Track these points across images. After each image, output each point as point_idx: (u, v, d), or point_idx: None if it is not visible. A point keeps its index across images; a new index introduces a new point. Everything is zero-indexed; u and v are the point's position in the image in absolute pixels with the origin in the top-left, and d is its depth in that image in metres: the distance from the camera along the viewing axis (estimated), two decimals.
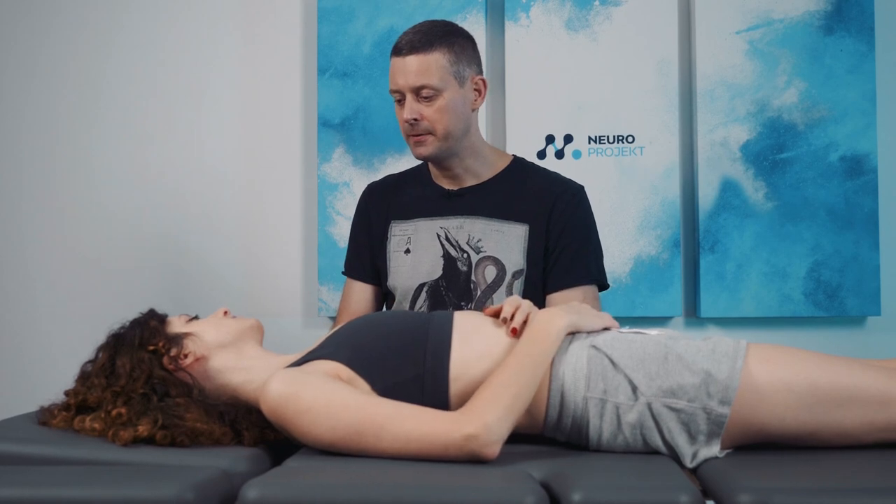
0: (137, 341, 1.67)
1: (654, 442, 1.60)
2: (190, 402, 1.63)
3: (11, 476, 1.44)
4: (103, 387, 1.64)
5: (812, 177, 2.66)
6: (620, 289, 2.67)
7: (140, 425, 1.57)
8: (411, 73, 1.97)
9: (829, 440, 1.60)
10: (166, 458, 1.55)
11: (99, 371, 1.67)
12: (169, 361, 1.67)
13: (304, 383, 1.56)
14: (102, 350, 1.70)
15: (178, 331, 1.71)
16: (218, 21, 2.91)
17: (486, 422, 1.47)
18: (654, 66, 2.72)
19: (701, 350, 1.62)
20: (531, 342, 1.59)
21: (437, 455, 1.48)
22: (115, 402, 1.62)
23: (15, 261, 2.95)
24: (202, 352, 1.70)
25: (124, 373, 1.64)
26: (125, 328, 1.72)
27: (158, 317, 1.74)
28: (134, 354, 1.66)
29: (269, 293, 2.85)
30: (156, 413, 1.59)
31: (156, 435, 1.57)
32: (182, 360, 1.68)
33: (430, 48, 1.97)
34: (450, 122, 2.00)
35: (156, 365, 1.66)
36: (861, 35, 2.65)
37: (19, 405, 2.05)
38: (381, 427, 1.50)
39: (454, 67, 1.99)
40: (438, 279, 2.07)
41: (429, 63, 1.97)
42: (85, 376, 1.69)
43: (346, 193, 2.78)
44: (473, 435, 1.46)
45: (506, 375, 1.54)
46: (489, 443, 1.47)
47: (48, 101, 2.95)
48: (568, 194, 2.09)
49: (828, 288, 2.65)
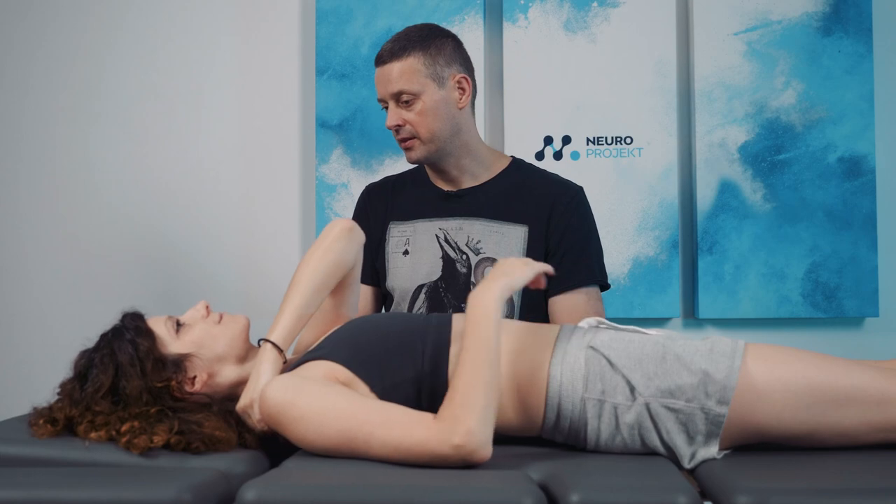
0: (140, 370, 1.62)
1: (653, 442, 1.60)
2: (210, 415, 1.62)
3: (8, 478, 1.44)
4: (108, 412, 1.60)
5: (810, 178, 2.66)
6: (619, 290, 2.67)
7: (156, 435, 1.55)
8: (391, 81, 2.00)
9: (827, 440, 1.60)
10: (164, 460, 1.54)
11: (101, 398, 1.61)
12: (178, 391, 1.65)
13: (300, 390, 1.55)
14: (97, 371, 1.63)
15: (175, 351, 1.68)
16: (216, 22, 2.91)
17: (469, 428, 1.45)
18: (653, 67, 2.72)
19: (699, 350, 1.62)
20: (475, 330, 1.54)
21: (428, 463, 1.47)
22: (122, 422, 1.59)
23: (13, 261, 2.95)
24: (206, 370, 1.68)
25: (135, 402, 1.61)
26: (114, 346, 1.65)
27: (146, 332, 1.67)
28: (142, 384, 1.62)
29: (267, 294, 2.84)
30: (172, 421, 1.58)
31: (171, 440, 1.56)
32: (190, 386, 1.67)
33: (406, 53, 2.00)
34: (433, 125, 2.01)
35: (167, 397, 1.64)
36: (859, 36, 2.66)
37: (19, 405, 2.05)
38: (370, 434, 1.49)
39: (430, 69, 2.00)
40: (437, 280, 2.07)
41: (404, 68, 1.99)
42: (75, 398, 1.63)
43: (344, 195, 2.78)
44: (460, 445, 1.44)
45: (467, 375, 1.50)
46: (478, 447, 1.45)
47: (46, 101, 2.95)
48: (567, 195, 2.09)
49: (826, 289, 2.65)
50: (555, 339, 1.68)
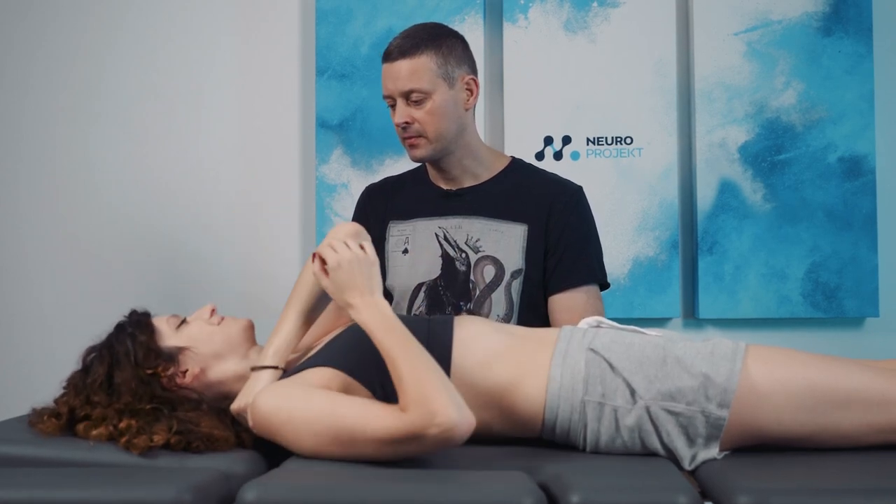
0: (133, 359, 1.65)
1: (653, 445, 1.60)
2: (202, 413, 1.63)
3: (8, 478, 1.44)
4: (105, 404, 1.62)
5: (810, 178, 2.66)
6: (619, 290, 2.67)
7: (156, 434, 1.56)
8: (400, 78, 1.99)
9: (828, 441, 1.60)
10: (164, 460, 1.54)
11: (98, 388, 1.64)
12: (168, 382, 1.67)
13: (287, 396, 1.56)
14: (96, 363, 1.67)
15: (171, 344, 1.69)
16: (216, 22, 2.90)
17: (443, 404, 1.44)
18: (653, 67, 2.72)
19: (700, 352, 1.61)
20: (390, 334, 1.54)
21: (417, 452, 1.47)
22: (120, 417, 1.60)
23: (13, 261, 2.95)
24: (199, 366, 1.69)
25: (127, 390, 1.62)
26: (114, 339, 1.68)
27: (146, 325, 1.70)
28: (133, 372, 1.64)
29: (267, 294, 2.84)
30: (170, 420, 1.59)
31: (171, 440, 1.56)
32: (180, 377, 1.68)
33: (418, 52, 1.99)
34: (441, 124, 2.01)
35: (157, 386, 1.65)
36: (859, 36, 2.65)
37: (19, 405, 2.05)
38: (351, 429, 1.49)
39: (442, 69, 2.00)
40: (437, 279, 2.07)
41: (416, 67, 1.98)
42: (78, 389, 1.66)
43: (344, 195, 2.78)
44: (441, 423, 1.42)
45: (407, 363, 1.49)
46: (460, 420, 1.44)
47: (46, 101, 2.94)
48: (566, 195, 2.10)
49: (826, 289, 2.65)
50: (555, 341, 1.68)
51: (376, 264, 1.63)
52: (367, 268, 1.61)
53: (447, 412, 1.43)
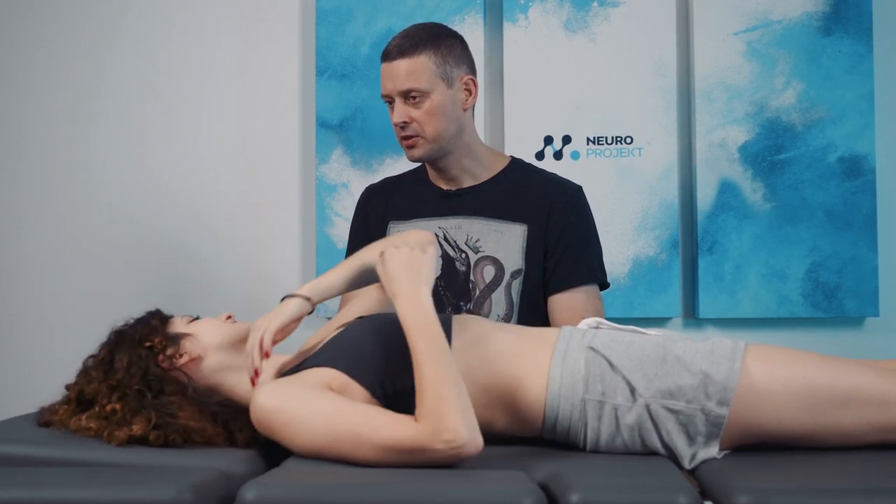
0: (137, 337, 1.69)
1: (653, 443, 1.60)
2: (183, 401, 1.64)
3: (9, 477, 1.44)
4: (100, 380, 1.65)
5: (810, 178, 2.66)
6: (619, 290, 2.67)
7: (134, 424, 1.58)
8: (399, 78, 2.00)
9: (828, 441, 1.60)
10: (164, 460, 1.55)
11: (97, 365, 1.68)
12: (164, 359, 1.68)
13: (288, 396, 1.57)
14: (104, 345, 1.72)
15: (178, 331, 1.72)
16: (216, 22, 2.90)
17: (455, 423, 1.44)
18: (652, 66, 2.72)
19: (699, 351, 1.62)
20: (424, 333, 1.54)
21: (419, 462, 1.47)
22: (110, 396, 1.62)
23: (13, 261, 2.95)
24: (198, 352, 1.70)
25: (121, 367, 1.65)
26: (128, 325, 1.73)
27: (161, 316, 1.75)
28: (132, 350, 1.67)
29: (267, 294, 2.84)
30: (149, 411, 1.60)
31: (149, 435, 1.58)
32: (177, 358, 1.69)
33: (417, 51, 1.99)
34: (439, 124, 2.01)
35: (151, 362, 1.67)
36: (859, 36, 2.66)
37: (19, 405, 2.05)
38: (357, 435, 1.49)
39: (441, 69, 2.00)
40: (437, 279, 2.07)
41: (415, 66, 1.99)
42: (85, 370, 1.71)
43: (344, 195, 2.78)
44: (450, 440, 1.44)
45: (432, 371, 1.49)
46: (468, 440, 1.45)
47: (46, 101, 2.94)
48: (566, 195, 2.10)
49: (826, 289, 2.65)
50: (554, 340, 1.68)
51: (431, 263, 1.63)
52: (420, 263, 1.62)
53: (458, 432, 1.44)
